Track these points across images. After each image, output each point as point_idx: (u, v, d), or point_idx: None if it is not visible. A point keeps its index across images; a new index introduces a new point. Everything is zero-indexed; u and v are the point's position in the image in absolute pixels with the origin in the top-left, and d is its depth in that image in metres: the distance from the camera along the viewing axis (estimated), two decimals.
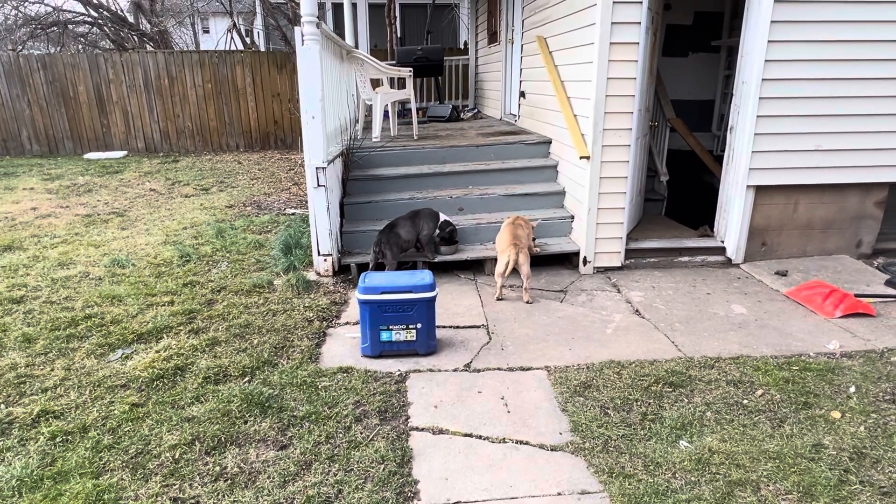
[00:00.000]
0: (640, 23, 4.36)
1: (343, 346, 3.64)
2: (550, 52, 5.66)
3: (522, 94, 7.13)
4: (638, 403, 2.98)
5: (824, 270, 4.78)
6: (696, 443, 2.66)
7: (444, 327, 3.87)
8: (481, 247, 5.08)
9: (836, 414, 2.87)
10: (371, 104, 6.60)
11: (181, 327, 3.81)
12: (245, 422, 2.82)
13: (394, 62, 9.39)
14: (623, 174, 4.72)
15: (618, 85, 4.48)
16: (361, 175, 5.58)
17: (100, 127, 11.42)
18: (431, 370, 3.36)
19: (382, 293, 3.36)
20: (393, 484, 2.41)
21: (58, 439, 2.68)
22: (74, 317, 3.94)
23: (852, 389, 3.09)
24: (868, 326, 3.84)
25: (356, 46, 8.73)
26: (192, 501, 2.33)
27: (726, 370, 3.29)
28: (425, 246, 4.80)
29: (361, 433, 2.75)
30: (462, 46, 13.15)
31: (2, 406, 2.94)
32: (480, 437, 2.74)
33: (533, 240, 4.82)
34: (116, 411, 2.90)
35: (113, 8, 15.23)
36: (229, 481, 2.43)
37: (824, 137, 4.72)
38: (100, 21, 15.17)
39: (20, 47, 14.20)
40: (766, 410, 2.91)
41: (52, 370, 3.29)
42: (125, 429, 2.76)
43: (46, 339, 3.63)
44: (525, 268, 4.22)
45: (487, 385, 3.19)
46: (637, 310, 4.16)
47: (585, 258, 4.89)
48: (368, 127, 7.00)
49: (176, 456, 2.57)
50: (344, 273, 4.81)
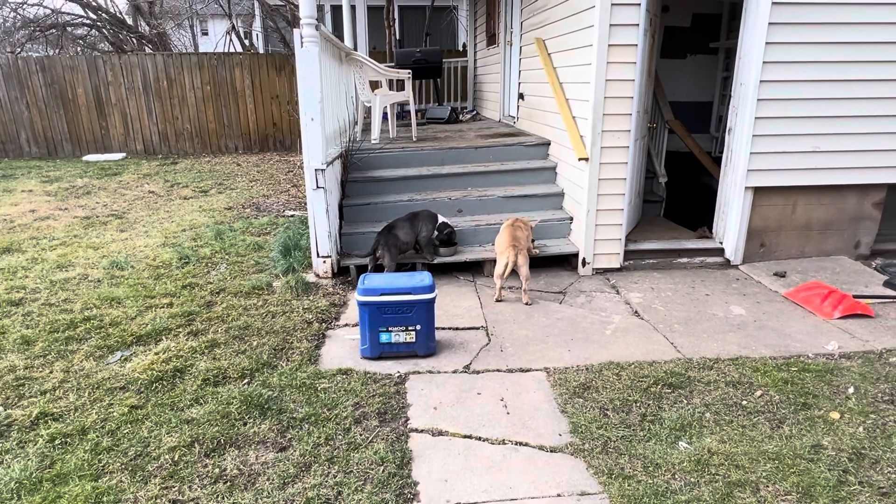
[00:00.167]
0: (639, 25, 4.38)
1: (342, 348, 3.64)
2: (549, 54, 5.67)
3: (521, 96, 7.14)
4: (637, 404, 2.98)
5: (823, 271, 4.79)
6: (696, 444, 2.67)
7: (444, 329, 3.87)
8: (480, 248, 5.09)
9: (835, 415, 2.88)
10: (370, 106, 6.61)
11: (180, 329, 3.80)
12: (244, 424, 2.82)
13: (392, 64, 9.40)
14: (622, 176, 4.72)
15: (616, 87, 4.49)
16: (360, 177, 5.58)
17: (98, 129, 11.42)
18: (431, 372, 3.36)
19: (382, 295, 3.36)
20: (392, 485, 2.42)
21: (57, 441, 2.68)
22: (73, 319, 3.93)
23: (851, 390, 3.10)
24: (866, 327, 3.85)
25: (355, 48, 8.74)
26: (192, 503, 2.33)
27: (725, 371, 3.29)
28: (424, 248, 4.80)
29: (361, 435, 2.75)
30: (461, 48, 13.17)
31: (0, 408, 2.94)
32: (480, 439, 2.74)
33: (532, 241, 4.83)
34: (115, 413, 2.89)
35: (112, 10, 15.24)
36: (229, 483, 2.43)
37: (822, 139, 4.73)
38: (98, 23, 15.17)
39: (19, 50, 14.20)
40: (765, 411, 2.92)
41: (51, 372, 3.29)
42: (124, 431, 2.76)
43: (45, 342, 3.63)
44: (524, 269, 4.23)
45: (487, 386, 3.19)
46: (636, 311, 4.17)
47: (584, 259, 4.89)
48: (367, 129, 7.00)
49: (175, 458, 2.57)
50: (343, 275, 4.81)
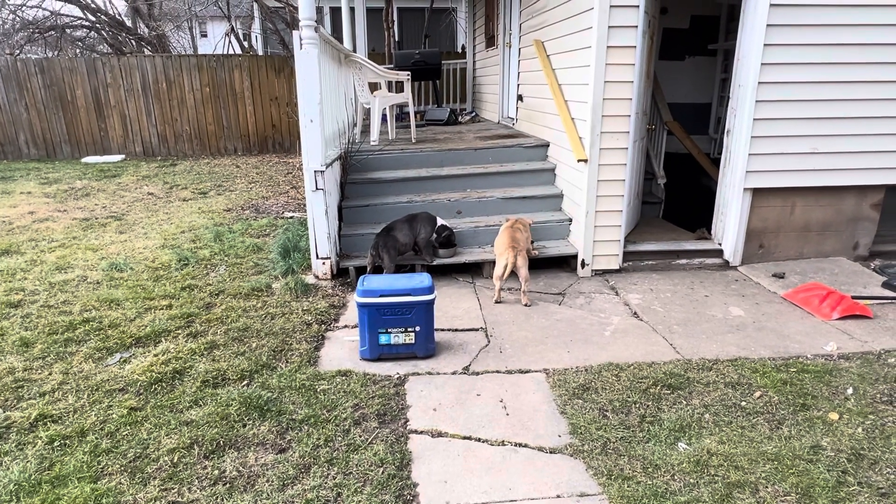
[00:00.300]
0: (637, 26, 4.39)
1: (342, 350, 3.64)
2: (548, 56, 5.68)
3: (520, 98, 7.15)
4: (636, 405, 2.98)
5: (821, 272, 4.80)
6: (695, 444, 2.67)
7: (443, 330, 3.87)
8: (480, 250, 5.09)
9: (834, 415, 2.88)
10: (369, 108, 6.61)
11: (179, 331, 3.80)
12: (244, 425, 2.82)
13: (392, 66, 9.41)
14: (621, 177, 4.73)
15: (615, 88, 4.50)
16: (360, 178, 5.59)
17: (97, 131, 11.42)
18: (430, 373, 3.36)
19: (381, 296, 3.36)
20: (392, 487, 2.41)
21: (56, 443, 2.68)
22: (72, 321, 3.93)
23: (850, 391, 3.10)
24: (865, 328, 3.85)
25: (354, 50, 8.75)
26: None
27: (724, 372, 3.30)
28: (423, 249, 4.81)
29: (360, 436, 2.75)
30: (460, 50, 13.18)
31: (0, 410, 2.94)
32: (479, 440, 2.74)
33: (531, 242, 4.84)
34: (115, 415, 2.89)
35: (111, 12, 15.25)
36: (228, 485, 2.43)
37: (820, 140, 4.75)
38: (97, 25, 15.18)
39: (18, 51, 14.20)
40: (765, 412, 2.92)
41: (50, 374, 3.28)
42: (123, 433, 2.76)
43: (44, 343, 3.63)
44: (523, 271, 4.23)
45: (486, 388, 3.19)
46: (635, 312, 4.17)
47: (583, 261, 4.90)
48: (366, 130, 7.00)
49: (174, 460, 2.57)
50: (342, 276, 4.81)
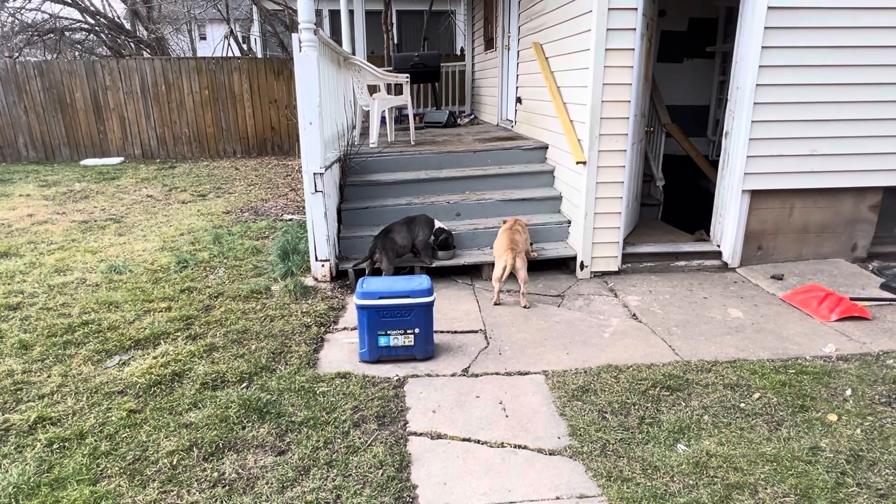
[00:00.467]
0: (636, 29, 4.40)
1: (341, 352, 3.64)
2: (546, 59, 5.70)
3: (519, 100, 7.16)
4: (636, 407, 2.98)
5: (820, 274, 4.81)
6: (694, 446, 2.67)
7: (442, 332, 3.88)
8: (479, 252, 5.09)
9: (833, 417, 2.88)
10: (368, 110, 6.62)
11: (179, 333, 3.80)
12: (243, 427, 2.81)
13: (391, 68, 9.41)
14: (619, 179, 4.74)
15: (614, 90, 4.51)
16: (359, 181, 5.59)
17: (96, 133, 11.42)
18: (429, 375, 3.36)
19: (380, 298, 3.37)
20: (391, 489, 2.41)
21: (55, 446, 2.67)
22: (71, 323, 3.93)
23: (848, 392, 3.10)
24: (864, 329, 3.86)
25: (353, 53, 8.76)
26: None
27: (723, 374, 3.30)
28: (422, 251, 4.81)
29: (360, 438, 2.75)
30: (459, 53, 13.19)
31: None
32: (479, 442, 2.74)
33: (530, 244, 4.84)
34: (114, 418, 2.89)
35: (110, 15, 15.26)
36: (227, 487, 2.43)
37: (819, 142, 4.76)
38: (97, 28, 15.19)
39: (17, 54, 14.21)
40: (763, 414, 2.92)
41: (49, 377, 3.28)
42: (123, 435, 2.76)
43: (43, 346, 3.62)
44: (522, 272, 4.24)
45: (485, 390, 3.19)
46: (634, 314, 4.17)
47: (582, 263, 4.90)
48: (366, 133, 7.01)
49: (174, 462, 2.57)
50: (341, 278, 4.81)
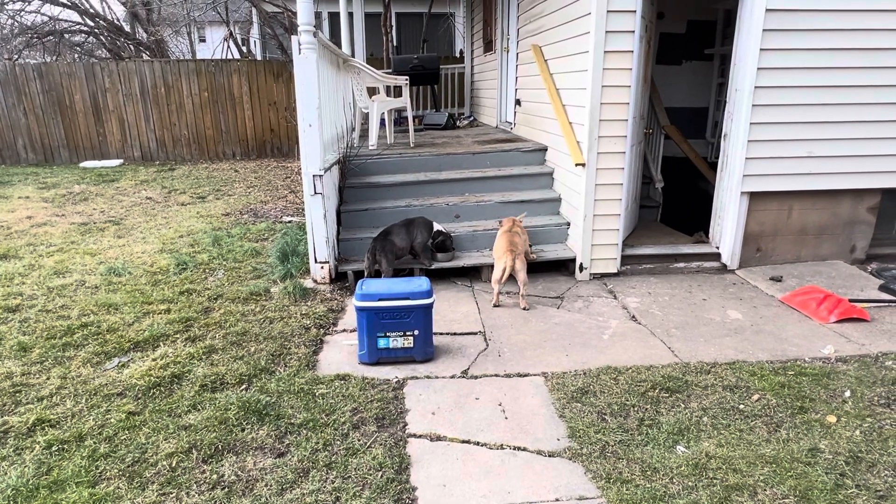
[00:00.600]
0: (634, 31, 4.41)
1: (340, 354, 3.64)
2: (546, 61, 5.71)
3: (518, 102, 7.17)
4: (635, 409, 2.98)
5: (819, 276, 4.81)
6: (693, 448, 2.67)
7: (442, 334, 3.88)
8: (478, 253, 5.10)
9: (832, 418, 2.89)
10: (367, 112, 6.63)
11: (178, 335, 3.80)
12: (242, 429, 2.81)
13: (390, 71, 9.42)
14: (618, 181, 4.75)
15: (613, 93, 4.52)
16: (358, 183, 5.60)
17: (96, 136, 11.42)
18: (429, 377, 3.36)
19: (380, 300, 3.37)
20: (391, 491, 2.41)
21: (54, 448, 2.67)
22: (70, 325, 3.93)
23: (847, 394, 3.11)
24: (862, 331, 3.86)
25: (353, 55, 8.77)
26: None
27: (722, 375, 3.30)
28: (421, 253, 4.81)
29: (359, 440, 2.74)
30: (458, 55, 13.22)
31: None
32: (478, 444, 2.74)
33: (529, 246, 4.85)
34: (113, 420, 2.89)
35: (109, 17, 15.28)
36: (227, 489, 2.42)
37: (817, 144, 4.77)
38: (96, 30, 15.20)
39: (16, 56, 14.22)
40: (763, 415, 2.93)
41: (48, 379, 3.28)
42: (122, 437, 2.75)
43: (42, 348, 3.62)
44: (521, 274, 4.24)
45: (485, 391, 3.19)
46: (633, 316, 4.18)
47: (582, 265, 4.90)
48: (365, 135, 7.02)
49: (173, 464, 2.56)
50: (341, 280, 4.81)
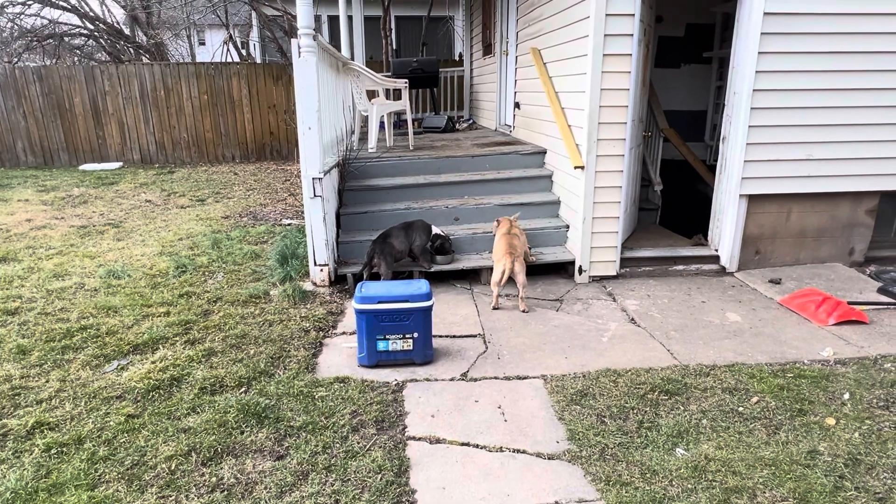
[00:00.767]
0: (633, 35, 4.42)
1: (339, 356, 3.64)
2: (545, 64, 5.72)
3: (517, 105, 7.19)
4: (634, 411, 2.99)
5: (817, 278, 4.82)
6: (693, 450, 2.67)
7: (441, 336, 3.88)
8: (477, 256, 5.10)
9: (831, 420, 2.89)
10: (367, 115, 6.64)
11: (177, 338, 3.80)
12: (241, 432, 2.81)
13: (389, 74, 9.46)
14: (617, 184, 4.75)
15: (611, 96, 4.53)
16: (357, 185, 5.60)
17: (95, 138, 11.43)
18: (428, 379, 3.36)
19: (379, 303, 3.37)
20: (390, 493, 2.41)
21: (53, 451, 2.67)
22: (70, 328, 3.92)
23: (846, 396, 3.11)
24: (861, 333, 3.87)
25: (352, 58, 8.79)
26: None
27: (721, 378, 3.31)
28: (420, 256, 4.81)
29: (358, 443, 2.74)
30: (457, 58, 13.25)
31: None
32: (478, 446, 2.74)
33: (529, 248, 4.85)
34: (112, 423, 2.89)
35: (109, 20, 15.30)
36: (226, 492, 2.42)
37: (815, 147, 4.78)
38: (96, 33, 15.22)
39: (16, 59, 14.23)
40: (762, 417, 2.93)
41: (47, 382, 3.27)
42: (121, 440, 2.75)
43: (41, 351, 3.62)
44: (521, 277, 4.25)
45: (484, 394, 3.19)
46: (632, 318, 4.18)
47: (581, 267, 4.91)
48: (364, 138, 7.03)
49: (172, 467, 2.56)
50: (340, 283, 4.81)
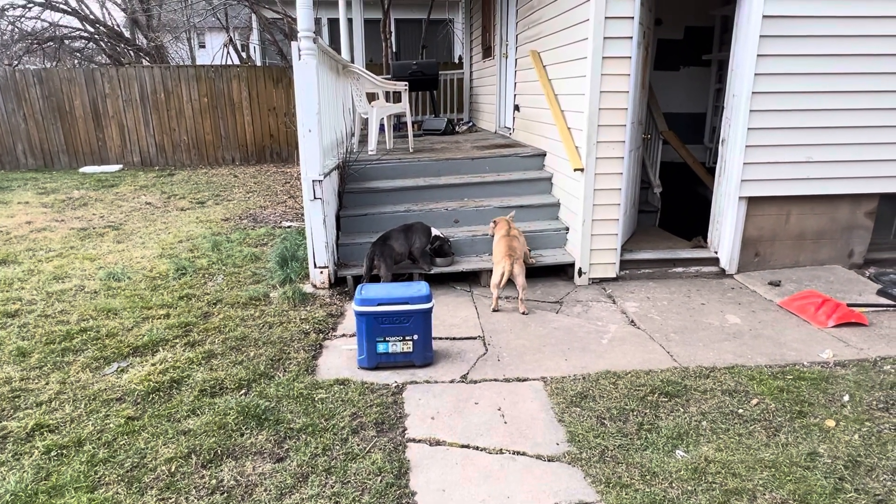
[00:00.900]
0: (632, 37, 4.44)
1: (339, 358, 3.64)
2: (544, 66, 5.73)
3: (517, 108, 7.20)
4: (634, 413, 2.99)
5: (817, 280, 4.82)
6: (693, 452, 2.67)
7: (441, 339, 3.88)
8: (477, 258, 5.10)
9: (831, 422, 2.89)
10: (367, 118, 6.65)
11: (177, 340, 3.80)
12: (241, 434, 2.81)
13: (389, 76, 9.48)
14: (617, 186, 4.76)
15: (611, 98, 4.54)
16: (357, 188, 5.61)
17: (95, 141, 11.44)
18: (428, 381, 3.36)
19: (379, 305, 3.37)
20: (390, 496, 2.41)
21: (52, 453, 2.67)
22: (69, 330, 3.92)
23: (846, 398, 3.11)
24: (861, 335, 3.87)
25: (352, 61, 8.81)
26: None
27: (721, 380, 3.31)
28: (420, 258, 4.82)
29: (358, 445, 2.74)
30: (457, 61, 13.28)
31: None
32: (477, 448, 2.74)
33: (528, 251, 4.85)
34: (112, 425, 2.88)
35: (109, 23, 15.33)
36: (226, 495, 2.42)
37: (815, 149, 4.79)
38: (96, 36, 15.25)
39: (16, 62, 14.25)
40: (762, 419, 2.93)
41: (47, 384, 3.27)
42: (120, 442, 2.75)
43: (41, 353, 3.62)
44: (520, 279, 4.25)
45: (484, 396, 3.19)
46: (632, 320, 4.18)
47: (580, 269, 4.91)
48: (364, 140, 7.04)
49: (172, 469, 2.56)
50: (340, 285, 4.82)
